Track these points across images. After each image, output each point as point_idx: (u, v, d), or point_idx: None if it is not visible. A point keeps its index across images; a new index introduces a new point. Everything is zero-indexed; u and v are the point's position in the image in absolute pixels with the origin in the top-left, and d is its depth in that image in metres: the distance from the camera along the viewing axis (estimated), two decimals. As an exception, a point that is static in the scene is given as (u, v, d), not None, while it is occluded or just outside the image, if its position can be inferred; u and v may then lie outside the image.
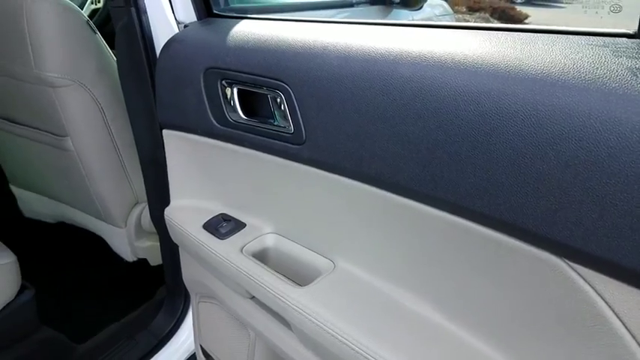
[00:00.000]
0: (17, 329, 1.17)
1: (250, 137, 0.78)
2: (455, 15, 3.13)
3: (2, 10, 1.10)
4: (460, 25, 0.65)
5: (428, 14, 2.54)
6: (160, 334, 1.28)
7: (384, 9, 2.20)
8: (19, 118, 1.29)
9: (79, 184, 1.32)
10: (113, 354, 1.24)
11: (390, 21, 0.71)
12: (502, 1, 3.88)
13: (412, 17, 2.34)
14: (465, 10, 3.77)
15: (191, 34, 0.88)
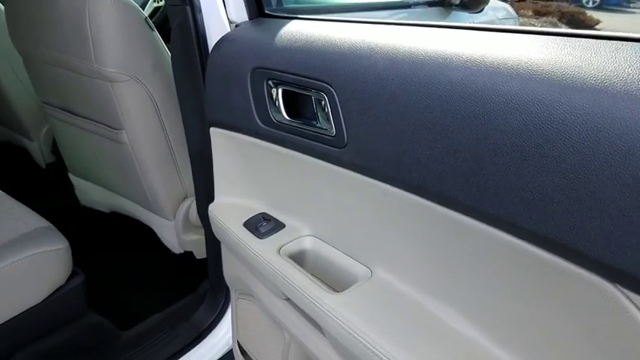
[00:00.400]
0: (66, 313, 1.22)
1: (292, 138, 0.78)
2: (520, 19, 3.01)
3: (66, 6, 1.15)
4: (516, 28, 0.62)
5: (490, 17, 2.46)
6: (201, 327, 1.30)
7: (443, 11, 2.15)
8: (78, 110, 1.35)
9: (133, 176, 1.36)
10: (155, 343, 1.27)
11: (440, 22, 0.68)
12: (572, 5, 3.70)
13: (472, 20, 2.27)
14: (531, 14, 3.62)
15: (241, 34, 0.88)
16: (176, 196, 1.40)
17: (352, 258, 0.82)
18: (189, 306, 1.37)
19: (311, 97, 0.73)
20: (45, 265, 1.14)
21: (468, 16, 2.23)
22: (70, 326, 1.25)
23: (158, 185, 1.35)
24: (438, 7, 2.14)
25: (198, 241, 1.41)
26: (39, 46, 1.27)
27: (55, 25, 1.19)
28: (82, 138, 1.42)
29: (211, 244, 1.19)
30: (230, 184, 0.99)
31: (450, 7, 2.12)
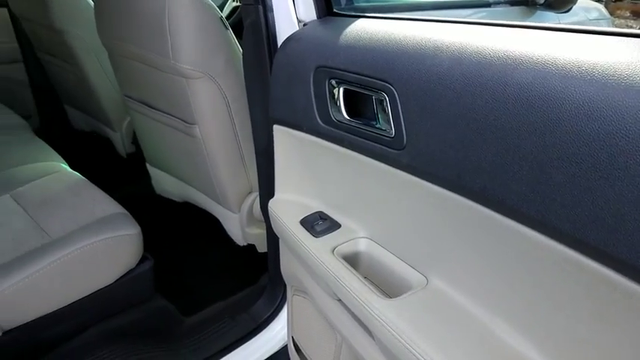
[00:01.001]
0: (134, 296, 1.30)
1: (351, 138, 0.77)
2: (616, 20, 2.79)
3: (148, 3, 1.21)
4: (599, 29, 0.57)
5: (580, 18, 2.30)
6: (258, 320, 1.32)
7: (526, 10, 2.04)
8: (156, 104, 1.42)
9: (203, 169, 1.42)
10: (215, 331, 1.31)
11: (510, 22, 0.65)
12: (680, 4, 3.37)
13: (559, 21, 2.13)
14: (629, 14, 3.35)
15: (307, 33, 0.88)
16: (241, 190, 1.43)
17: (407, 264, 0.80)
18: (249, 298, 1.40)
19: (372, 96, 0.72)
20: (118, 249, 1.21)
21: (554, 16, 2.10)
22: (138, 308, 1.32)
23: (225, 179, 1.39)
24: (521, 7, 2.04)
25: (261, 235, 1.43)
26: (122, 42, 1.35)
27: (137, 22, 1.26)
28: (158, 130, 1.50)
29: (271, 238, 1.21)
30: (290, 181, 1.00)
31: (534, 6, 2.01)
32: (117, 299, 1.25)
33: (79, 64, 1.82)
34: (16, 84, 2.20)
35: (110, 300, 1.23)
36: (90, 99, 1.94)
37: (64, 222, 1.23)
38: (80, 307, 1.16)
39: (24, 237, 1.18)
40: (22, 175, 1.44)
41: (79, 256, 1.14)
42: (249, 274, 1.51)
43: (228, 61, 1.27)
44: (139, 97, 1.48)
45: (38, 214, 1.25)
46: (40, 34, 1.91)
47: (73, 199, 1.31)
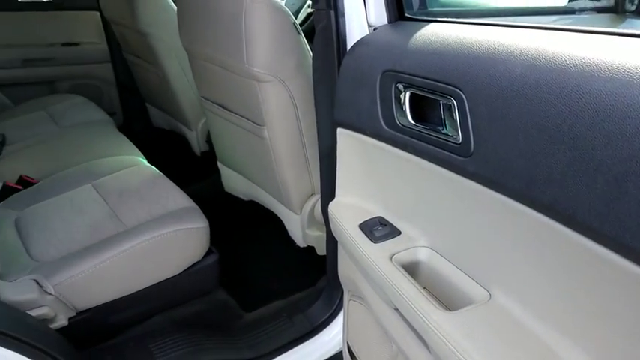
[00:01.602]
0: (199, 287, 1.35)
1: (415, 143, 0.76)
2: None
3: (226, 9, 1.26)
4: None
5: (677, 27, 2.12)
6: (315, 322, 1.33)
7: (615, 18, 1.90)
8: (229, 105, 1.48)
9: (268, 169, 1.45)
10: (272, 329, 1.34)
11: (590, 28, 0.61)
12: None
13: (652, 29, 1.98)
14: None
15: (377, 37, 0.88)
16: (304, 192, 1.45)
17: (469, 277, 0.77)
18: (306, 299, 1.41)
19: (439, 101, 0.70)
20: (186, 241, 1.27)
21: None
22: (201, 300, 1.37)
23: (289, 180, 1.41)
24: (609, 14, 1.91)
25: (320, 237, 1.44)
26: (201, 45, 1.42)
27: (215, 26, 1.32)
28: (230, 131, 1.55)
29: (331, 241, 1.22)
30: (351, 185, 1.00)
31: (623, 13, 1.88)
32: (182, 290, 1.31)
33: (161, 65, 1.93)
34: (104, 82, 2.37)
35: (176, 290, 1.28)
36: (170, 99, 2.05)
37: (138, 213, 1.30)
38: (147, 294, 1.22)
39: (101, 225, 1.26)
40: (103, 167, 1.55)
41: (149, 245, 1.21)
42: (309, 275, 1.53)
43: (299, 66, 1.29)
44: (214, 99, 1.54)
45: (115, 204, 1.34)
46: (128, 37, 2.05)
47: (148, 191, 1.39)
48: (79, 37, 2.28)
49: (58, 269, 1.12)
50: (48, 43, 2.23)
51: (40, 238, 1.22)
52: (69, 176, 1.53)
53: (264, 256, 1.71)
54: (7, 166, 1.64)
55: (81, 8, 2.25)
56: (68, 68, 2.29)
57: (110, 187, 1.42)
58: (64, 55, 2.26)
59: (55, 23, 2.23)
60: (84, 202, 1.37)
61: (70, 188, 1.44)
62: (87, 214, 1.31)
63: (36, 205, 1.37)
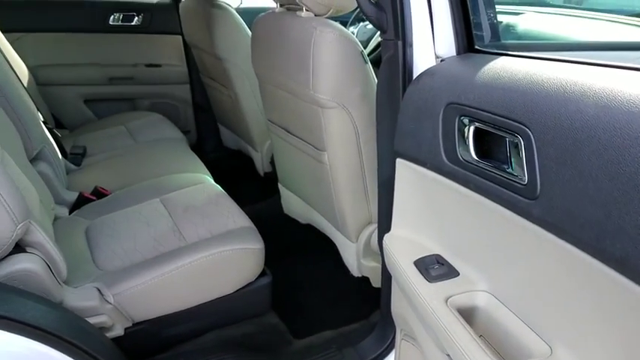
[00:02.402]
0: (250, 309, 1.35)
1: (478, 180, 0.72)
2: None
3: (296, 38, 1.29)
4: None
5: None
6: (365, 358, 1.29)
7: None
8: (292, 129, 1.50)
9: (327, 195, 1.45)
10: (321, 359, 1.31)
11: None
12: None
13: None
14: None
15: (443, 69, 0.86)
16: (361, 220, 1.43)
17: (530, 327, 0.71)
18: (358, 332, 1.37)
19: (505, 138, 0.67)
20: (241, 261, 1.28)
21: None
22: (252, 322, 1.38)
23: (347, 207, 1.40)
24: None
25: (376, 268, 1.41)
26: (270, 71, 1.46)
27: (284, 54, 1.35)
28: (292, 154, 1.57)
29: (385, 275, 1.18)
30: (408, 218, 0.97)
31: None
32: (234, 310, 1.32)
33: (233, 88, 2.00)
34: (181, 102, 2.50)
35: (228, 309, 1.30)
36: (239, 120, 2.12)
37: (199, 229, 1.34)
38: (200, 311, 1.24)
39: (164, 238, 1.31)
40: (172, 183, 1.61)
41: (206, 262, 1.23)
42: (362, 307, 1.49)
43: (363, 94, 1.29)
44: (279, 122, 1.58)
45: (179, 219, 1.38)
46: (205, 60, 2.15)
47: (211, 209, 1.43)
48: (161, 59, 2.43)
49: (119, 279, 1.17)
50: (132, 64, 2.39)
51: (106, 248, 1.28)
52: (140, 190, 1.60)
53: (318, 282, 1.70)
54: (84, 176, 1.75)
55: (165, 32, 2.40)
56: (149, 87, 2.43)
57: (176, 203, 1.47)
58: (146, 75, 2.41)
59: (140, 45, 2.40)
60: (151, 215, 1.42)
61: (140, 201, 1.51)
62: (152, 227, 1.36)
63: (106, 215, 1.45)
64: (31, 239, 1.05)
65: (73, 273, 1.18)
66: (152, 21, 2.38)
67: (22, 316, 0.79)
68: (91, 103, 2.39)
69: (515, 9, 1.70)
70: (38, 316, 0.83)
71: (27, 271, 0.98)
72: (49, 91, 2.25)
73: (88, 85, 2.35)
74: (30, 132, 1.50)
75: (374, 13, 1.05)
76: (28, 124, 1.50)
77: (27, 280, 0.98)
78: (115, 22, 2.34)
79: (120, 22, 2.34)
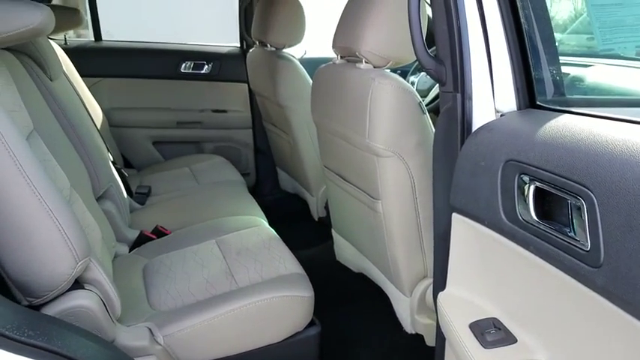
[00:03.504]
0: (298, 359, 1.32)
1: (538, 242, 0.68)
2: None
3: (354, 88, 1.31)
4: None
5: None
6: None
7: None
8: (347, 176, 1.50)
9: (380, 244, 1.42)
10: None
11: None
12: None
13: None
14: None
15: (502, 124, 0.84)
16: (416, 274, 1.39)
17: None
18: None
19: (567, 200, 0.63)
20: (290, 309, 1.27)
21: None
22: (299, 374, 1.34)
23: (401, 258, 1.37)
24: None
25: (430, 326, 1.35)
26: (328, 119, 1.48)
27: (342, 103, 1.37)
28: (347, 201, 1.57)
29: (440, 335, 1.12)
30: (464, 276, 0.92)
31: None
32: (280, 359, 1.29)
33: (293, 134, 2.05)
34: (243, 146, 2.59)
35: (274, 359, 1.27)
36: (297, 165, 2.16)
37: (251, 273, 1.34)
38: (247, 358, 1.23)
39: (217, 280, 1.32)
40: (229, 225, 1.65)
41: (255, 308, 1.23)
42: (416, 367, 1.42)
43: (420, 144, 1.28)
44: (335, 169, 1.59)
45: (233, 262, 1.40)
46: (268, 107, 2.23)
47: (263, 253, 1.44)
48: (227, 105, 2.54)
49: (170, 320, 1.18)
50: (200, 109, 2.52)
51: (161, 288, 1.31)
52: (198, 230, 1.65)
53: (369, 335, 1.64)
54: (147, 215, 1.83)
55: (232, 80, 2.52)
56: (214, 132, 2.55)
57: (231, 245, 1.49)
58: (212, 120, 2.53)
59: (208, 92, 2.53)
60: (206, 256, 1.45)
61: (197, 242, 1.55)
62: (206, 269, 1.38)
63: (164, 254, 1.49)
64: (90, 276, 1.09)
65: (127, 311, 1.22)
66: (221, 69, 2.52)
67: (75, 353, 0.81)
68: (160, 145, 2.53)
69: (585, 61, 1.65)
70: (90, 354, 0.86)
71: (83, 308, 1.02)
72: (121, 132, 2.40)
73: (158, 128, 2.49)
74: (98, 171, 1.60)
75: (433, 66, 1.05)
76: (97, 164, 1.60)
77: (82, 317, 1.02)
78: (187, 70, 2.50)
79: (191, 69, 2.50)
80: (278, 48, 2.08)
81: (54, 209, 0.99)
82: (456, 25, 0.97)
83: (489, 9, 0.89)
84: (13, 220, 0.94)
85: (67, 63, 2.04)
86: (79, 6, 2.37)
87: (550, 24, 0.98)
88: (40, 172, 0.99)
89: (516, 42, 0.87)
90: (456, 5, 0.97)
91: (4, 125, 0.94)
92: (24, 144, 0.98)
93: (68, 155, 1.43)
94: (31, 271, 0.97)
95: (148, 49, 2.58)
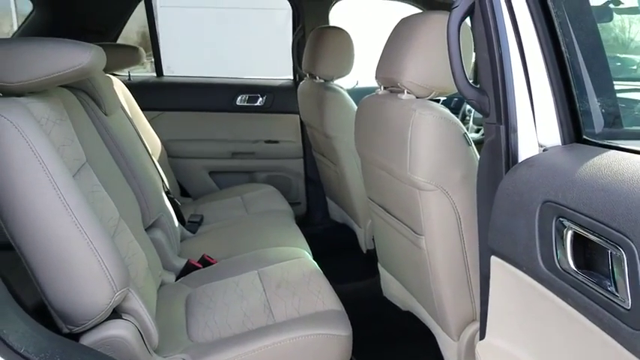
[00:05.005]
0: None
1: (576, 295, 0.61)
2: None
3: (395, 119, 1.28)
4: None
5: None
6: None
7: None
8: (390, 208, 1.45)
9: (425, 283, 1.35)
10: None
11: None
12: None
13: None
14: None
15: (543, 160, 0.78)
16: (464, 316, 1.30)
17: None
18: None
19: (607, 250, 0.56)
20: (326, 347, 1.23)
21: None
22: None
23: (447, 299, 1.29)
24: None
25: (479, 374, 1.25)
26: (370, 149, 1.46)
27: (384, 134, 1.35)
28: (391, 235, 1.52)
29: (483, 384, 1.04)
30: (503, 325, 0.85)
31: None
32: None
33: (340, 164, 2.04)
34: (295, 175, 2.61)
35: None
36: (345, 195, 2.13)
37: (288, 308, 1.32)
38: None
39: (254, 313, 1.31)
40: (271, 256, 1.64)
41: (290, 345, 1.20)
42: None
43: (466, 177, 1.22)
44: (378, 201, 1.55)
45: (272, 295, 1.39)
46: (317, 138, 2.24)
47: (303, 287, 1.41)
48: (279, 135, 2.59)
49: (205, 354, 1.18)
50: (254, 140, 2.58)
51: (200, 318, 1.32)
52: (241, 260, 1.66)
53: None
54: (196, 244, 1.86)
55: (285, 112, 2.57)
56: (267, 162, 2.59)
57: (272, 276, 1.48)
58: (265, 151, 2.58)
59: (262, 123, 2.59)
60: (246, 287, 1.45)
61: (239, 272, 1.55)
62: (245, 301, 1.38)
63: (207, 284, 1.51)
64: (128, 306, 1.11)
65: (165, 341, 1.23)
66: (274, 101, 2.58)
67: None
68: (215, 175, 2.60)
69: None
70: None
71: (119, 338, 1.04)
72: (179, 163, 2.50)
73: (214, 158, 2.57)
74: (149, 202, 1.65)
75: (474, 96, 1.00)
76: (148, 195, 1.66)
77: (119, 347, 1.04)
78: (242, 103, 2.57)
79: (246, 102, 2.57)
80: (326, 80, 2.09)
81: (94, 240, 1.02)
82: (497, 53, 0.93)
83: (527, 37, 0.84)
84: (55, 250, 0.99)
85: (128, 97, 2.17)
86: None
87: (601, 50, 0.91)
88: (83, 204, 1.04)
89: (557, 71, 0.81)
90: (497, 31, 0.92)
91: (50, 160, 0.99)
92: (68, 177, 1.03)
93: (119, 186, 1.49)
94: (70, 300, 1.00)
95: (206, 84, 2.70)
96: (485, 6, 0.93)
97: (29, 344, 0.82)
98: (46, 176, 0.97)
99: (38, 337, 0.86)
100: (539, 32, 0.82)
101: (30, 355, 0.80)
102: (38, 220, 0.97)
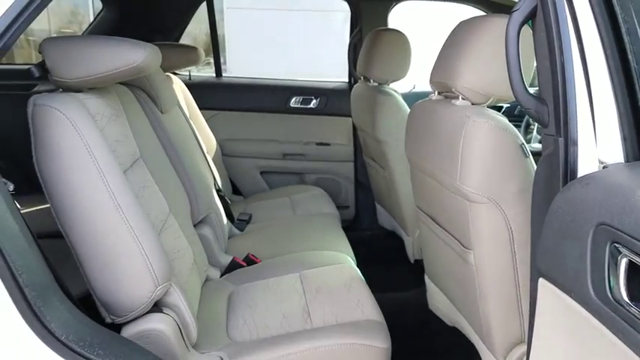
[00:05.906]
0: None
1: (628, 331, 0.55)
2: None
3: (447, 127, 1.23)
4: None
5: None
6: None
7: None
8: (438, 219, 1.40)
9: (472, 299, 1.29)
10: None
11: None
12: None
13: None
14: None
15: (600, 178, 0.71)
16: (511, 337, 1.23)
17: None
18: None
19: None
20: (361, 358, 1.20)
21: None
22: None
23: (494, 318, 1.23)
24: None
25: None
26: (419, 156, 1.41)
27: (434, 142, 1.30)
28: (438, 246, 1.46)
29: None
30: (548, 351, 0.79)
31: None
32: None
33: (390, 170, 2.00)
34: (344, 179, 2.60)
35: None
36: (394, 202, 2.09)
37: (326, 313, 1.31)
38: None
39: (293, 317, 1.31)
40: (314, 259, 1.63)
41: (326, 352, 1.18)
42: None
43: (521, 191, 1.15)
44: (427, 210, 1.50)
45: (311, 299, 1.37)
46: (368, 142, 2.21)
47: (343, 294, 1.39)
48: (331, 138, 2.58)
49: (242, 353, 1.18)
50: (305, 142, 2.58)
51: (240, 317, 1.33)
52: (284, 262, 1.66)
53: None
54: (242, 242, 1.89)
55: (337, 114, 2.56)
56: (317, 164, 2.59)
57: (312, 280, 1.47)
58: (315, 153, 2.58)
59: (314, 125, 2.59)
60: (287, 290, 1.45)
61: (282, 273, 1.55)
62: (285, 303, 1.37)
63: (250, 283, 1.52)
64: (169, 300, 1.14)
65: (204, 337, 1.25)
66: (327, 104, 2.57)
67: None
68: (266, 175, 2.63)
69: None
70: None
71: (158, 332, 1.06)
72: (232, 161, 2.55)
73: (265, 158, 2.60)
74: (199, 199, 1.69)
75: (533, 105, 0.95)
76: (198, 192, 1.69)
77: (157, 340, 1.06)
78: (296, 105, 2.59)
79: (299, 104, 2.58)
80: (380, 83, 2.05)
81: (139, 234, 1.05)
82: (559, 61, 0.87)
83: (590, 43, 0.78)
84: (101, 243, 1.02)
85: (187, 96, 2.23)
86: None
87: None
88: (131, 199, 1.07)
89: (623, 82, 0.74)
90: (560, 38, 0.86)
91: (102, 154, 1.03)
92: (118, 172, 1.06)
93: (171, 182, 1.53)
94: (113, 291, 1.03)
95: (262, 85, 2.73)
96: (547, 9, 0.88)
97: (70, 332, 0.85)
98: (97, 171, 1.01)
99: (79, 325, 0.89)
100: (603, 39, 0.75)
101: (70, 342, 0.83)
102: (87, 214, 1.01)
